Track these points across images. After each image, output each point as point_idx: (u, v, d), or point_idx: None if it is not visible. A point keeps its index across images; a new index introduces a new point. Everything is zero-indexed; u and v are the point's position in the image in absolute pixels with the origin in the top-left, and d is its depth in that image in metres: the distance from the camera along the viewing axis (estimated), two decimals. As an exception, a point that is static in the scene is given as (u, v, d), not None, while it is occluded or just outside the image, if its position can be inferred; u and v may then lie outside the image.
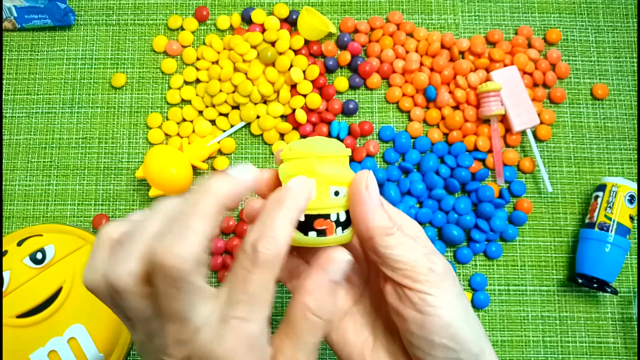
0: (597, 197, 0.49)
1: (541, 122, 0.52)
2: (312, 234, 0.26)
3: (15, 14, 0.53)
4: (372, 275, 0.31)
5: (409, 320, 0.26)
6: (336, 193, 0.27)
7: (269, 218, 0.24)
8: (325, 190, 0.27)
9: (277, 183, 0.29)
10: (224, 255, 0.49)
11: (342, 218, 0.27)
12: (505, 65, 0.52)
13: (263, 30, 0.53)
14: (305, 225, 0.26)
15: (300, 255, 0.32)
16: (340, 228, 0.27)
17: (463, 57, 0.53)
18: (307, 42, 0.53)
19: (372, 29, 0.54)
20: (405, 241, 0.26)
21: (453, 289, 0.26)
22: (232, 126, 0.52)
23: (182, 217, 0.23)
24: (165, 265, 0.21)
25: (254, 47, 0.51)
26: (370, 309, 0.31)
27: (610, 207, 0.48)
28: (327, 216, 0.26)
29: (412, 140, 0.52)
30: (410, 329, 0.26)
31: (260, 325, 0.23)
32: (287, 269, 0.32)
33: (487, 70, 0.52)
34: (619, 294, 0.49)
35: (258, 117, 0.51)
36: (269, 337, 0.24)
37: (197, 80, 0.53)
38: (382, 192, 0.48)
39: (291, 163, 0.27)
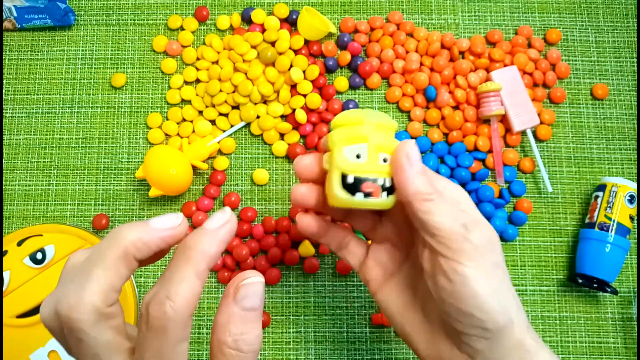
0: (597, 197, 0.49)
1: (541, 122, 0.52)
2: (359, 195, 0.28)
3: (15, 14, 0.53)
4: (416, 240, 0.32)
5: (440, 287, 0.27)
6: (384, 160, 0.29)
7: (169, 272, 0.22)
8: (375, 156, 0.28)
9: (320, 167, 0.31)
10: (224, 255, 0.49)
11: (388, 184, 0.28)
12: (505, 65, 0.52)
13: (263, 30, 0.53)
14: (354, 186, 0.28)
15: (349, 221, 0.34)
16: (385, 193, 0.28)
17: (463, 57, 0.53)
18: (307, 42, 0.53)
19: (372, 29, 0.54)
20: (443, 208, 0.27)
21: (488, 259, 0.27)
22: (232, 126, 0.52)
23: (85, 267, 0.22)
24: (62, 315, 0.21)
25: (254, 47, 0.51)
26: (414, 272, 0.32)
27: (610, 207, 0.48)
28: (374, 180, 0.28)
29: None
30: (440, 295, 0.27)
31: None
32: (336, 240, 0.34)
33: (487, 70, 0.52)
34: (619, 294, 0.49)
35: (258, 117, 0.51)
36: None
37: (197, 80, 0.53)
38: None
39: (344, 129, 0.29)
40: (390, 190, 0.28)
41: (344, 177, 0.28)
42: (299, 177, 0.32)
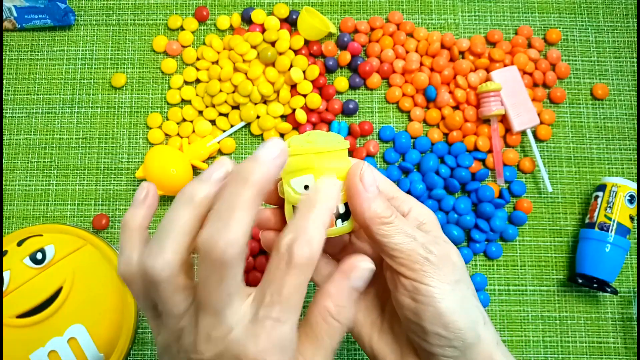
0: (597, 197, 0.49)
1: (541, 122, 0.52)
2: None
3: (15, 14, 0.53)
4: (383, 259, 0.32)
5: (405, 307, 0.27)
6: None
7: (303, 220, 0.24)
8: None
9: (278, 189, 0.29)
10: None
11: (342, 210, 0.27)
12: (505, 65, 0.52)
13: (263, 30, 0.53)
14: None
15: None
16: (340, 220, 0.27)
17: (463, 57, 0.53)
18: (307, 42, 0.53)
19: (372, 29, 0.54)
20: (402, 230, 0.27)
21: (450, 277, 0.27)
22: (232, 126, 0.52)
23: (226, 208, 0.23)
24: (214, 251, 0.22)
25: (254, 47, 0.51)
26: (381, 293, 0.32)
27: (610, 207, 0.48)
28: None
29: (412, 140, 0.52)
30: (406, 315, 0.27)
31: (292, 327, 0.23)
32: None
33: (487, 70, 0.52)
34: (619, 294, 0.49)
35: (258, 117, 0.51)
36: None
37: (197, 80, 0.53)
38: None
39: (291, 160, 0.27)
40: (345, 215, 0.28)
41: (295, 209, 0.27)
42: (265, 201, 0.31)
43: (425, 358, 0.28)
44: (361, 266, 0.26)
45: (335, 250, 0.33)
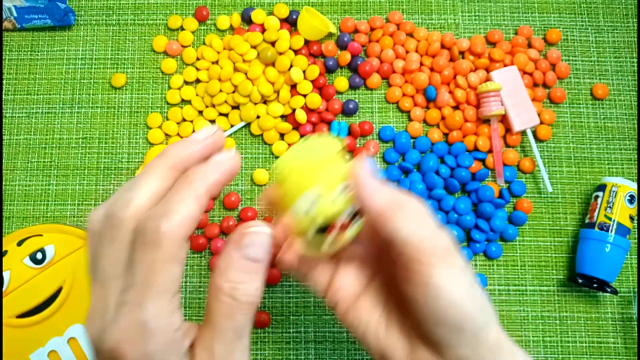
0: (597, 197, 0.49)
1: (541, 122, 0.52)
2: (330, 239, 0.26)
3: (15, 14, 0.53)
4: (384, 254, 0.31)
5: (414, 298, 0.27)
6: (344, 187, 0.27)
7: (169, 194, 0.23)
8: (330, 195, 0.26)
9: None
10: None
11: (354, 210, 0.27)
12: (505, 65, 0.52)
13: (263, 30, 0.53)
14: (321, 238, 0.26)
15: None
16: (354, 220, 0.27)
17: (463, 57, 0.53)
18: (307, 42, 0.53)
19: (372, 29, 0.54)
20: (410, 220, 0.27)
21: (456, 265, 0.27)
22: (232, 126, 0.52)
23: (137, 179, 0.23)
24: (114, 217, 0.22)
25: (254, 47, 0.51)
26: (383, 289, 0.31)
27: (610, 207, 0.48)
28: (339, 216, 0.27)
29: (412, 140, 0.52)
30: (417, 306, 0.27)
31: (157, 311, 0.21)
32: (305, 265, 0.31)
33: (487, 70, 0.52)
34: (619, 294, 0.49)
35: (258, 117, 0.51)
36: (183, 326, 0.23)
37: (197, 80, 0.53)
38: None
39: (288, 185, 0.27)
40: (357, 213, 0.27)
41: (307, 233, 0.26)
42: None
43: (438, 348, 0.28)
44: (253, 231, 0.24)
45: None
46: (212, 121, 0.52)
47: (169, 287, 0.21)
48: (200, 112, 0.52)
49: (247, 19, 0.54)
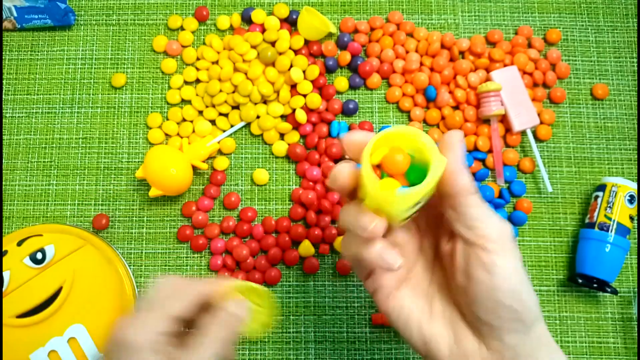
0: (597, 197, 0.49)
1: (541, 122, 0.52)
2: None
3: (15, 14, 0.53)
4: (425, 244, 0.32)
5: (478, 281, 0.27)
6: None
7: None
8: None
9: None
10: (224, 255, 0.49)
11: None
12: (505, 65, 0.52)
13: (263, 30, 0.53)
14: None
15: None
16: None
17: (463, 57, 0.53)
18: (307, 42, 0.53)
19: (372, 29, 0.54)
20: (483, 203, 0.28)
21: (518, 257, 0.28)
22: (232, 126, 0.52)
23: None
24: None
25: (254, 47, 0.51)
26: (424, 277, 0.32)
27: (610, 207, 0.48)
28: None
29: (412, 140, 0.52)
30: (478, 289, 0.27)
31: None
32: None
33: (487, 70, 0.52)
34: (619, 294, 0.49)
35: (258, 117, 0.51)
36: None
37: (197, 80, 0.53)
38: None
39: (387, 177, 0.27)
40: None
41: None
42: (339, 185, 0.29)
43: (486, 336, 0.28)
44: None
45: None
46: (212, 121, 0.52)
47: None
48: (200, 112, 0.52)
49: (247, 19, 0.54)
